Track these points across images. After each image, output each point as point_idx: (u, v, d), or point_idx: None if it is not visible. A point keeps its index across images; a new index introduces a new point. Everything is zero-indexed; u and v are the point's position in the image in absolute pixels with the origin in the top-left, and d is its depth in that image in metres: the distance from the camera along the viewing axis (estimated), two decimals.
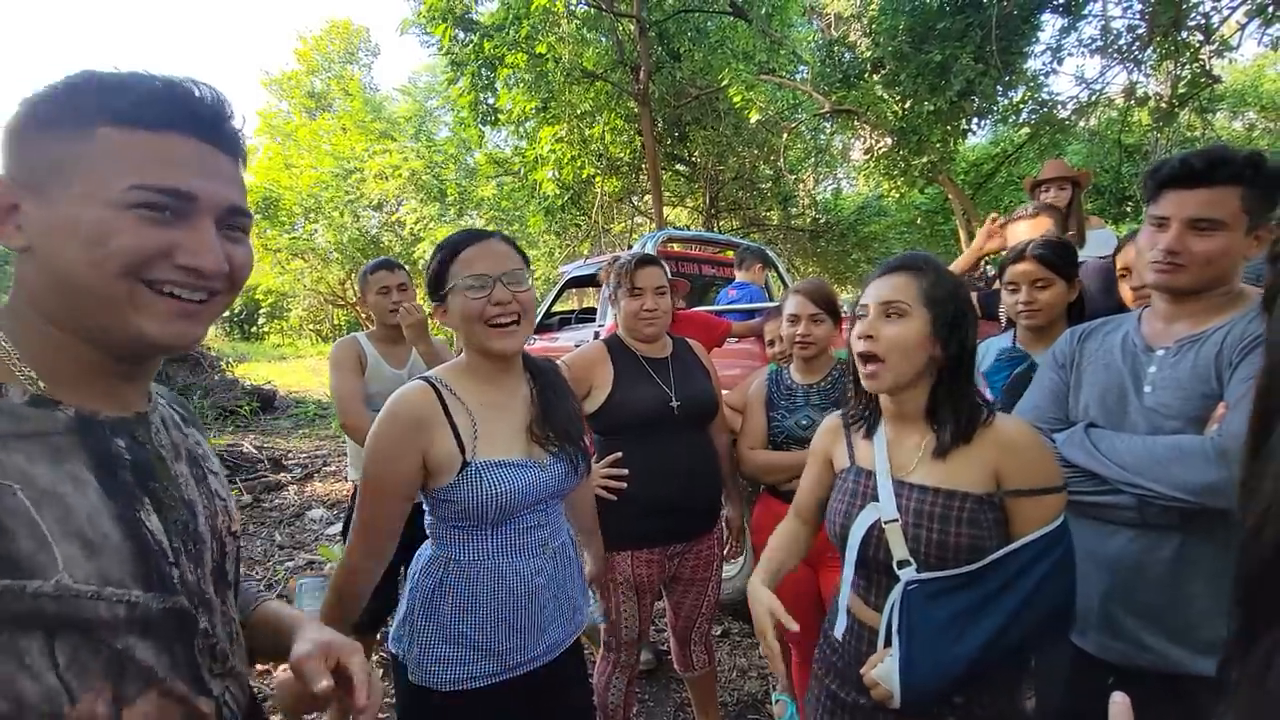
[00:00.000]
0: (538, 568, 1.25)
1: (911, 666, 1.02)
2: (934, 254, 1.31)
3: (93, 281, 0.59)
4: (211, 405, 8.83)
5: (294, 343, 25.04)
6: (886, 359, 1.10)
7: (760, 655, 2.90)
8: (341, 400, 2.22)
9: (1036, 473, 1.06)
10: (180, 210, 0.62)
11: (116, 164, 0.59)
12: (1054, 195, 2.87)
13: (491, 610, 1.20)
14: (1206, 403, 1.12)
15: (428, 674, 1.19)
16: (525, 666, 1.24)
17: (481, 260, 1.20)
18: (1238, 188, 1.11)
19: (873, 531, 1.13)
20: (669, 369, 1.95)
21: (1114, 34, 7.18)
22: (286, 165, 16.79)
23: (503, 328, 1.19)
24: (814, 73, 8.60)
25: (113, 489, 0.62)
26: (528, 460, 1.23)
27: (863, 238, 13.48)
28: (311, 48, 22.49)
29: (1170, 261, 1.16)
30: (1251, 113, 13.63)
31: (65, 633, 0.55)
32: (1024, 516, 1.06)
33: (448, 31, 8.58)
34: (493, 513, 1.18)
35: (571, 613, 1.34)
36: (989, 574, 1.03)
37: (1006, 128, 9.14)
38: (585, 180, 10.76)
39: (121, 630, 0.59)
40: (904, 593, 1.06)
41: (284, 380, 13.50)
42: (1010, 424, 1.11)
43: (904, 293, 1.10)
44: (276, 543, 4.40)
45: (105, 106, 0.59)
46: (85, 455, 0.61)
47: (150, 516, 0.65)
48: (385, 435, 1.16)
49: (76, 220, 0.58)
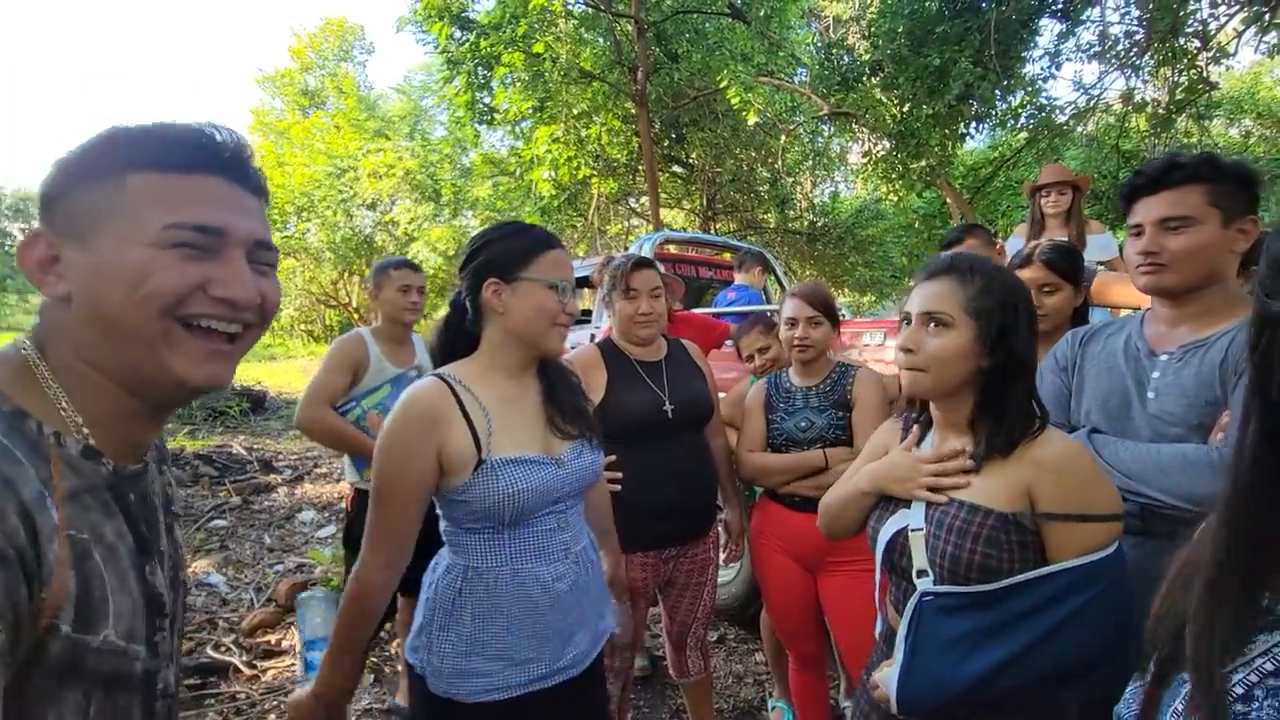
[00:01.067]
0: (560, 573, 1.21)
1: (910, 677, 0.99)
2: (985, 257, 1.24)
3: (135, 321, 0.60)
4: (200, 406, 8.74)
5: (285, 343, 24.91)
6: (929, 370, 1.05)
7: (757, 661, 2.87)
8: (310, 397, 2.19)
9: (1073, 497, 0.98)
10: (211, 246, 0.63)
11: (150, 207, 0.61)
12: (1054, 200, 2.86)
13: (513, 617, 1.16)
14: (1210, 410, 1.11)
15: (450, 684, 1.15)
16: (552, 679, 1.19)
17: (564, 266, 1.24)
18: (1199, 185, 1.16)
19: (898, 538, 1.11)
20: (663, 372, 1.93)
21: (1112, 40, 7.19)
22: (279, 163, 16.69)
23: (564, 328, 1.24)
24: (812, 75, 8.59)
25: (139, 544, 0.64)
26: (544, 457, 1.21)
27: (860, 241, 13.49)
28: (306, 45, 22.38)
29: (1151, 262, 1.18)
30: (1248, 120, 13.73)
31: (96, 688, 0.57)
32: (1059, 542, 0.98)
33: (444, 30, 8.56)
34: (510, 512, 1.14)
35: (597, 619, 1.30)
36: (1011, 597, 0.97)
37: (1005, 132, 9.15)
38: (582, 181, 10.73)
39: (128, 687, 0.61)
40: (918, 603, 1.03)
41: (275, 381, 13.44)
42: (1058, 442, 1.03)
43: (947, 302, 1.04)
44: (266, 545, 4.35)
45: (134, 155, 0.62)
46: (120, 510, 0.63)
47: (156, 573, 0.66)
48: (399, 433, 1.12)
49: (117, 262, 0.60)
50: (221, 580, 3.71)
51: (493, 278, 1.19)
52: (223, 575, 3.78)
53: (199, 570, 3.83)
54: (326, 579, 3.56)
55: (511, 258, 1.20)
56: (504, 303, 1.19)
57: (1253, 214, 1.16)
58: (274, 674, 2.79)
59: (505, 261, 1.20)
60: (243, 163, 0.67)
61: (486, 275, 1.20)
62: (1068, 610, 0.94)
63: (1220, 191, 1.14)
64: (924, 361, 1.05)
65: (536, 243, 1.22)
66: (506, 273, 1.19)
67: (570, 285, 1.23)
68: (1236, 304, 1.18)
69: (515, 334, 1.21)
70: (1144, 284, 1.21)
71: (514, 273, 1.19)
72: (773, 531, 1.98)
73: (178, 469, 5.56)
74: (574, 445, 1.27)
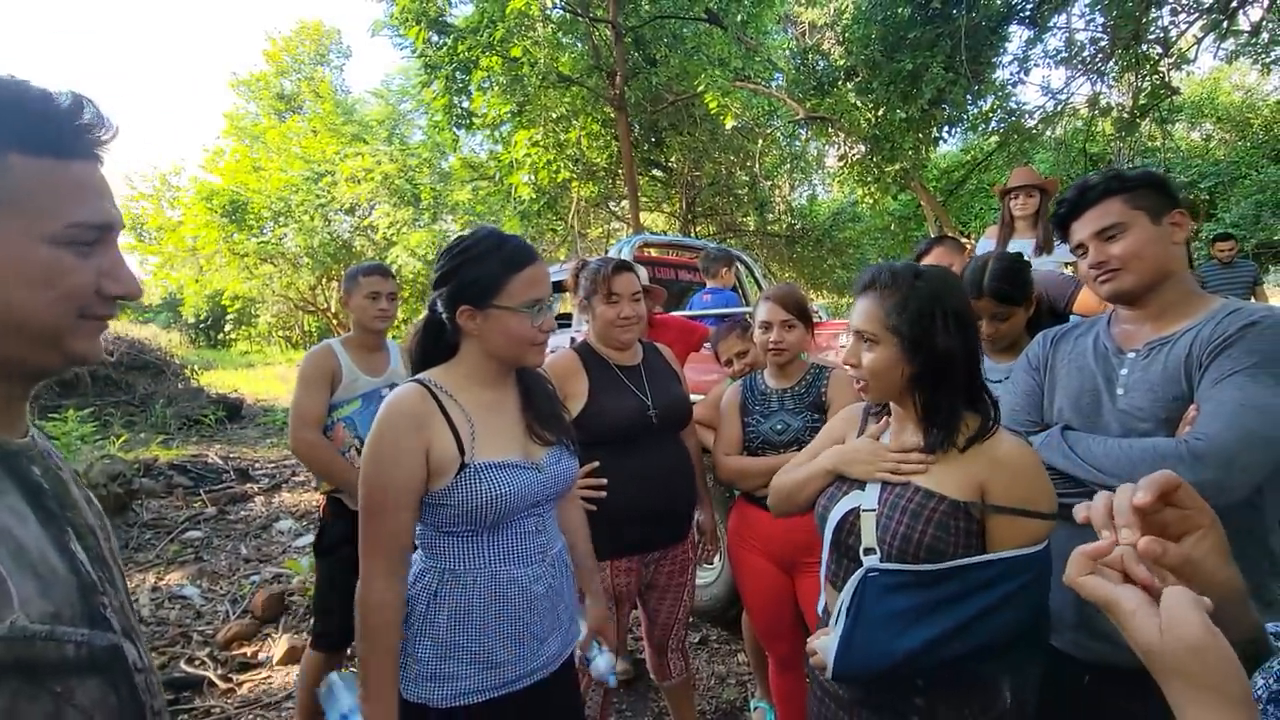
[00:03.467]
0: (536, 575, 1.21)
1: (849, 646, 1.06)
2: (908, 261, 1.33)
3: (47, 320, 0.59)
4: (175, 414, 8.59)
5: (262, 349, 24.50)
6: (870, 381, 1.16)
7: (739, 663, 2.88)
8: (298, 420, 2.14)
9: (1019, 494, 1.07)
10: (99, 239, 0.62)
11: (48, 199, 0.58)
12: (1023, 202, 2.92)
13: (489, 620, 1.16)
14: (1177, 404, 1.15)
15: (423, 690, 1.15)
16: (524, 680, 1.20)
17: (541, 284, 1.21)
18: (1114, 197, 1.24)
19: (849, 518, 1.18)
20: (642, 376, 1.93)
21: (1078, 46, 7.40)
22: (255, 168, 16.44)
23: (542, 346, 1.24)
24: (789, 80, 8.70)
25: (46, 519, 0.60)
26: (524, 461, 1.21)
27: (838, 243, 13.66)
28: (281, 49, 22.07)
29: (1105, 271, 1.24)
30: (1208, 123, 14.13)
31: (7, 678, 0.51)
32: (1000, 534, 1.06)
33: (421, 34, 8.49)
34: (491, 516, 1.14)
35: (569, 623, 1.31)
36: (949, 579, 1.05)
37: (976, 136, 9.34)
38: (561, 185, 10.71)
39: (65, 672, 0.55)
40: (863, 578, 1.09)
41: (252, 388, 13.20)
42: (1010, 443, 1.11)
43: (872, 321, 1.14)
44: (243, 555, 4.27)
45: (14, 133, 0.57)
46: (15, 485, 0.59)
47: (76, 546, 0.62)
48: (386, 438, 1.11)
49: (20, 261, 0.57)
50: (196, 592, 3.64)
51: (465, 305, 1.18)
52: (197, 587, 3.71)
53: (173, 583, 3.76)
54: (305, 589, 3.51)
55: (484, 284, 1.17)
56: (479, 327, 1.19)
57: (1179, 208, 1.23)
58: (250, 687, 2.75)
59: (476, 289, 1.17)
60: (107, 137, 0.65)
61: (459, 302, 1.18)
62: (1000, 594, 1.03)
63: (1135, 196, 1.22)
64: (865, 374, 1.16)
65: (509, 264, 1.18)
66: (479, 300, 1.17)
67: (547, 301, 1.22)
68: (1193, 300, 1.22)
69: (492, 354, 1.22)
70: (1105, 293, 1.27)
71: (487, 300, 1.17)
72: (750, 534, 2.00)
73: (150, 479, 5.44)
74: (552, 451, 1.27)
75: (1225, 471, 1.03)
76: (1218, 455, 1.03)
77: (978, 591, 1.03)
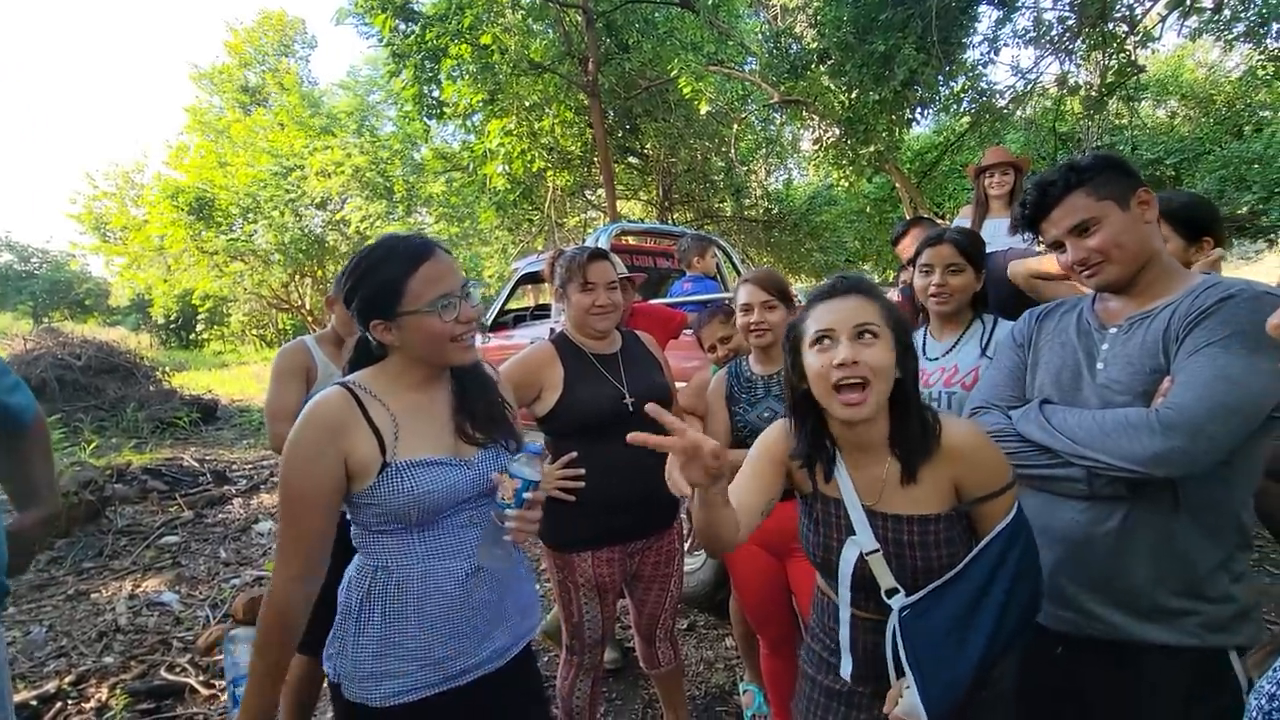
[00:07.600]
0: (473, 569, 1.20)
1: (931, 689, 1.02)
2: None
3: None
4: (147, 418, 8.40)
5: (236, 349, 24.04)
6: (872, 383, 1.06)
7: (727, 647, 2.90)
8: (272, 415, 2.10)
9: (992, 477, 1.09)
10: None
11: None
12: (997, 181, 2.94)
13: (425, 616, 1.15)
14: (1155, 377, 1.16)
15: (363, 689, 1.14)
16: (469, 675, 1.19)
17: (445, 278, 1.15)
18: (1076, 190, 1.22)
19: (858, 564, 1.14)
20: (619, 364, 1.92)
21: (1046, 25, 7.45)
22: (220, 164, 16.01)
23: (464, 341, 1.18)
24: (762, 64, 8.65)
25: None
26: (452, 459, 1.19)
27: (815, 227, 13.69)
28: (244, 40, 21.46)
29: (1087, 265, 1.24)
30: (1173, 100, 14.36)
31: None
32: (987, 517, 1.09)
33: (387, 22, 8.30)
34: (415, 514, 1.13)
35: (519, 617, 1.30)
36: (970, 574, 1.05)
37: (948, 117, 9.39)
38: (536, 174, 10.60)
39: None
40: (900, 621, 1.07)
41: (226, 389, 12.98)
42: (957, 429, 1.12)
43: (872, 314, 1.10)
44: (221, 559, 4.20)
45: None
46: None
47: None
48: (302, 443, 1.09)
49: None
50: (175, 599, 3.57)
51: (375, 319, 1.16)
52: (175, 593, 3.64)
53: (150, 589, 3.69)
54: None
55: (385, 294, 1.14)
56: (397, 337, 1.17)
57: (1142, 186, 1.22)
58: None
59: (380, 301, 1.15)
60: None
61: (369, 318, 1.16)
62: (1014, 562, 1.05)
63: (1098, 185, 1.20)
64: (869, 373, 1.05)
65: (403, 266, 1.14)
66: (386, 311, 1.15)
67: (457, 291, 1.16)
68: (1174, 276, 1.23)
69: (418, 359, 1.20)
70: (1094, 285, 1.28)
71: (393, 309, 1.14)
72: None
73: (123, 485, 5.31)
74: (488, 451, 1.25)
75: (1193, 441, 1.04)
76: (1187, 425, 1.04)
77: (998, 571, 1.05)
